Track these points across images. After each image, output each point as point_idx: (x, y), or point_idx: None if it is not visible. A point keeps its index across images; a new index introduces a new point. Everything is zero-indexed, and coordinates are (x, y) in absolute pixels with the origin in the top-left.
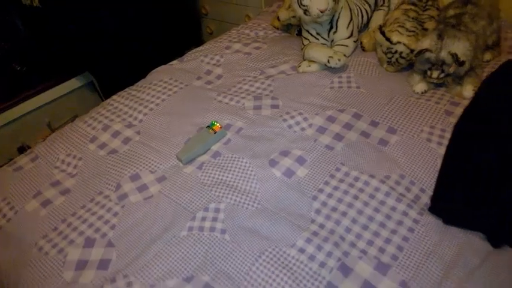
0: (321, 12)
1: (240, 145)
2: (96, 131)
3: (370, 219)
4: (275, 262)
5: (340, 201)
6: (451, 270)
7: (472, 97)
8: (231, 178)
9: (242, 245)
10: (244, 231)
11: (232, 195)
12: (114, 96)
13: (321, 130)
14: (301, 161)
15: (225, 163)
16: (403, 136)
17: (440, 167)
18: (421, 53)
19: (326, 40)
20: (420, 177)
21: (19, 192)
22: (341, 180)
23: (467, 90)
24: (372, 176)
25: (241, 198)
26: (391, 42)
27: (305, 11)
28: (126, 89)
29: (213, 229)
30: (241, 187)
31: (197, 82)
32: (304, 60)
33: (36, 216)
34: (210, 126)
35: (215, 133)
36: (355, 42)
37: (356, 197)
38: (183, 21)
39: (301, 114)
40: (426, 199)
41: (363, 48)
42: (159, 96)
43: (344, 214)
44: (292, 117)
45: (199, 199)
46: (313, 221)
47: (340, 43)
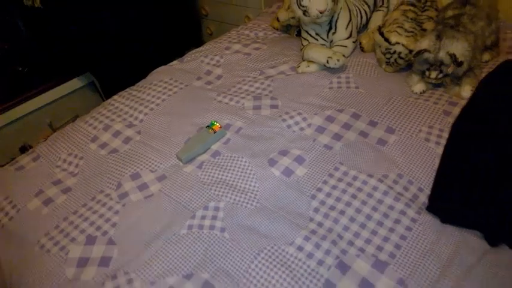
0: (320, 12)
1: (239, 145)
2: (97, 130)
3: (368, 217)
4: (274, 260)
5: (338, 200)
6: (449, 268)
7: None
8: (231, 177)
9: (241, 243)
10: (244, 230)
11: (232, 194)
12: (115, 97)
13: (320, 130)
14: (300, 160)
15: (225, 162)
16: (402, 136)
17: (438, 166)
18: (419, 53)
19: (325, 41)
20: (418, 176)
21: (21, 191)
22: (339, 180)
23: (466, 90)
24: (370, 175)
25: (241, 197)
26: (390, 43)
27: (304, 12)
28: (127, 89)
29: (212, 227)
30: (241, 186)
31: (197, 82)
32: (304, 60)
33: (38, 215)
34: (209, 126)
35: (215, 133)
36: (354, 42)
37: (354, 196)
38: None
39: (300, 114)
40: (424, 198)
41: (362, 48)
42: (159, 96)
43: (342, 213)
44: (292, 117)
45: (199, 198)
46: (311, 219)
47: (339, 44)
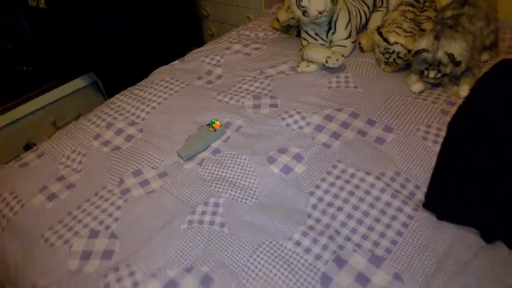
0: (319, 13)
1: (239, 142)
2: (100, 128)
3: (365, 214)
4: (272, 254)
5: (336, 196)
6: (444, 263)
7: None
8: (230, 174)
9: (240, 237)
10: (243, 225)
11: (231, 191)
12: (118, 95)
13: (319, 128)
14: (298, 158)
15: (225, 160)
16: (399, 135)
17: (435, 165)
18: (418, 53)
19: (324, 41)
20: (415, 174)
21: (26, 186)
22: (337, 177)
23: (464, 90)
24: (368, 173)
25: (240, 193)
26: (389, 43)
27: (304, 12)
28: (129, 88)
29: (212, 222)
30: (240, 183)
31: (198, 82)
32: (303, 60)
33: (42, 210)
34: (210, 124)
35: (215, 131)
36: (353, 42)
37: (352, 193)
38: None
39: (299, 113)
40: (421, 196)
41: (361, 48)
42: (160, 95)
43: (340, 209)
44: (291, 116)
45: (199, 194)
46: (309, 215)
47: (339, 44)
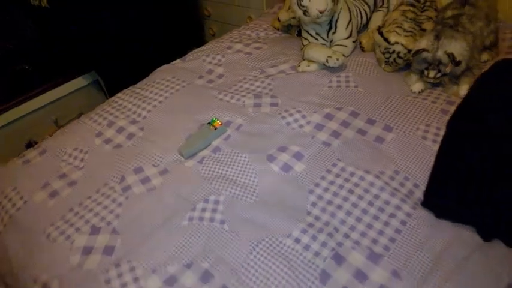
0: (320, 12)
1: (239, 141)
2: (101, 126)
3: (364, 212)
4: (271, 251)
5: (335, 195)
6: (441, 260)
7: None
8: (231, 172)
9: (240, 234)
10: (243, 222)
11: (232, 188)
12: (119, 94)
13: (319, 127)
14: (298, 156)
15: (225, 158)
16: (399, 134)
17: (434, 163)
18: (418, 52)
19: (325, 40)
20: (414, 173)
21: (28, 183)
22: (337, 175)
23: (464, 89)
24: (367, 171)
25: (240, 191)
26: (389, 43)
27: (304, 12)
28: (130, 87)
29: (212, 219)
30: (240, 181)
31: (199, 81)
32: (304, 60)
33: (44, 206)
34: (210, 123)
35: (216, 129)
36: (353, 42)
37: (351, 191)
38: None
39: (299, 112)
40: (420, 194)
41: (361, 48)
42: (162, 94)
43: (339, 207)
44: (291, 115)
45: (200, 191)
46: (309, 213)
47: (339, 43)
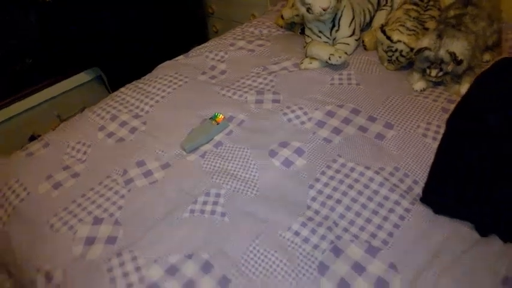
0: (324, 10)
1: (241, 136)
2: (104, 120)
3: (364, 206)
4: (271, 243)
5: (335, 189)
6: (439, 254)
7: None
8: (232, 166)
9: (240, 227)
10: (243, 215)
11: (233, 183)
12: (122, 89)
13: (320, 124)
14: (299, 152)
15: (227, 153)
16: (400, 131)
17: (433, 161)
18: (420, 51)
19: (328, 38)
20: (414, 170)
21: (32, 175)
22: (337, 171)
23: (465, 88)
24: (367, 167)
25: (241, 185)
26: (392, 41)
27: (308, 9)
28: (134, 82)
29: (213, 212)
30: (242, 175)
31: (202, 77)
32: (306, 57)
33: (48, 197)
34: (213, 118)
35: (218, 124)
36: (356, 40)
37: (351, 186)
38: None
39: (301, 108)
40: (419, 190)
41: (364, 46)
42: (164, 89)
43: (338, 202)
44: (293, 111)
45: (201, 185)
46: (308, 207)
47: (342, 41)
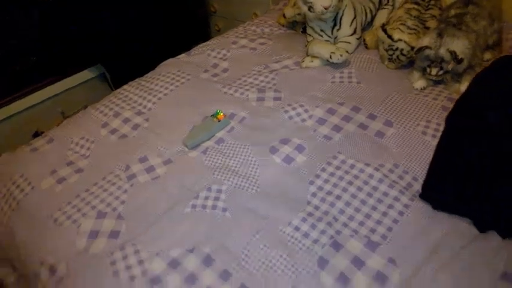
0: (325, 8)
1: (242, 133)
2: (107, 117)
3: (363, 202)
4: (271, 238)
5: (335, 186)
6: (438, 249)
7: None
8: (233, 163)
9: (241, 222)
10: (244, 211)
11: (234, 179)
12: (125, 86)
13: (321, 121)
14: (300, 149)
15: (228, 149)
16: (399, 129)
17: (432, 158)
18: (421, 50)
19: (329, 37)
20: (414, 167)
21: (36, 170)
22: (337, 167)
23: (466, 87)
24: (367, 164)
25: (242, 181)
26: (393, 40)
27: (309, 8)
28: (136, 80)
29: (214, 207)
30: (243, 171)
31: (204, 74)
32: (308, 55)
33: (51, 192)
34: (214, 115)
35: (219, 121)
36: (357, 39)
37: (351, 183)
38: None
39: (302, 106)
40: (418, 187)
41: (365, 45)
42: (167, 86)
43: (338, 197)
44: (294, 109)
45: (203, 181)
46: (309, 202)
47: (343, 40)
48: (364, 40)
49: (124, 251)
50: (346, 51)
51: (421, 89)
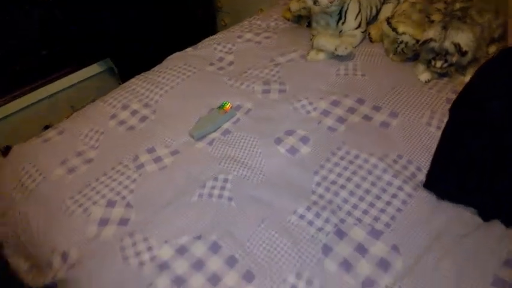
0: (330, 2)
1: (248, 124)
2: (116, 109)
3: (367, 192)
4: (276, 226)
5: (339, 175)
6: (440, 236)
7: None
8: (239, 154)
9: (247, 211)
10: (250, 200)
11: (240, 169)
12: (132, 79)
13: (325, 113)
14: (304, 140)
15: (234, 140)
16: (404, 120)
17: (436, 148)
18: (425, 42)
19: (335, 30)
20: (418, 157)
21: (47, 160)
22: (342, 158)
23: None
24: (371, 154)
25: (248, 171)
26: (397, 33)
27: (315, 1)
28: (143, 73)
29: (221, 196)
30: (248, 162)
31: (210, 68)
32: (313, 49)
33: (62, 181)
34: (221, 107)
35: (225, 113)
36: (362, 33)
37: (355, 173)
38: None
39: (307, 98)
40: (422, 177)
41: (370, 39)
42: (173, 79)
43: (343, 187)
44: (299, 101)
45: (209, 170)
46: (313, 192)
47: (348, 33)
48: (369, 34)
49: (133, 238)
50: (351, 44)
51: (426, 81)
